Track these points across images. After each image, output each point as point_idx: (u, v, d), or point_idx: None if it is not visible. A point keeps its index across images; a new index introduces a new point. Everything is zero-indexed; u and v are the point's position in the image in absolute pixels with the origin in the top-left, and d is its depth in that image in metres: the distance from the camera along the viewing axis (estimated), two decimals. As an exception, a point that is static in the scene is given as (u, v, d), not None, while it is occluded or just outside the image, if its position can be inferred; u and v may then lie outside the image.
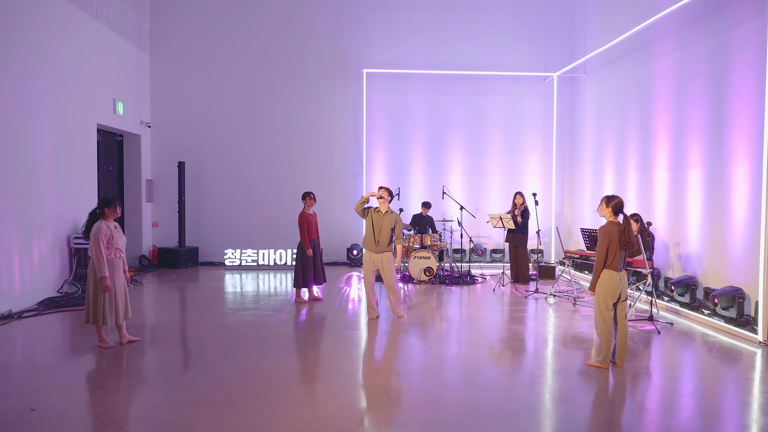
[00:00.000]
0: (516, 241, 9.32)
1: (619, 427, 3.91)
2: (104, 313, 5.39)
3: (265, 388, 4.52)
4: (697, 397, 4.53)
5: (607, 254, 4.99)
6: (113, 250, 5.44)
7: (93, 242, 5.31)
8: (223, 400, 4.24)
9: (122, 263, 5.58)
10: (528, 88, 11.94)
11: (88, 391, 4.45)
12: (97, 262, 5.31)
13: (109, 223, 5.46)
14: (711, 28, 7.44)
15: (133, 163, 11.08)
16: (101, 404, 4.14)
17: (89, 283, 5.43)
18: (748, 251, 6.75)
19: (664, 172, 8.51)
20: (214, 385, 4.54)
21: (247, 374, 4.83)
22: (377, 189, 6.97)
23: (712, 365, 5.38)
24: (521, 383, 4.76)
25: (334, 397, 4.34)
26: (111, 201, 5.47)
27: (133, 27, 10.66)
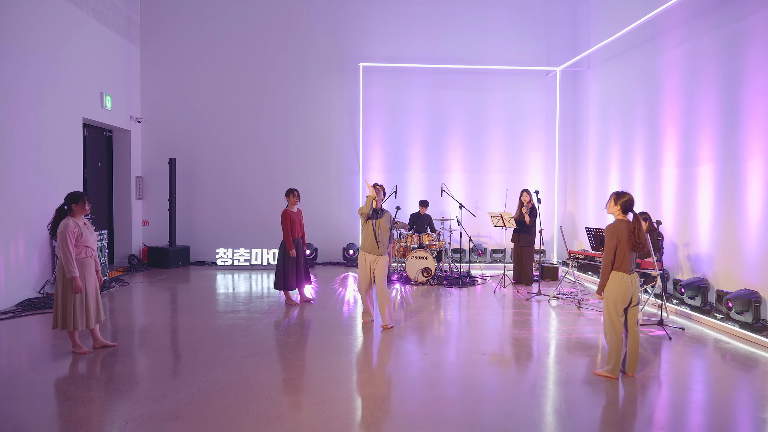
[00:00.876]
0: (523, 240, 8.95)
1: (632, 445, 3.56)
2: (74, 316, 5.04)
3: (245, 399, 4.16)
4: (712, 412, 4.17)
5: (615, 255, 4.63)
6: (83, 248, 5.09)
7: (60, 241, 4.96)
8: (198, 413, 3.89)
9: (94, 263, 5.23)
10: (530, 83, 11.57)
11: (54, 402, 4.10)
12: (65, 262, 4.96)
13: (77, 220, 5.11)
14: (722, 18, 7.08)
15: (123, 160, 10.73)
16: (64, 418, 3.79)
17: (57, 285, 5.07)
18: (765, 252, 6.39)
19: (673, 169, 8.14)
20: (189, 397, 4.18)
21: (227, 384, 4.48)
22: (373, 186, 6.56)
23: (727, 375, 5.02)
24: (524, 395, 4.40)
25: (320, 411, 3.99)
26: (79, 197, 5.11)
27: (122, 19, 10.31)
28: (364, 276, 6.43)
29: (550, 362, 5.22)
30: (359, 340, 5.89)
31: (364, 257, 6.42)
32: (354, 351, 5.51)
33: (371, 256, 6.36)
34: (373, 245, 6.33)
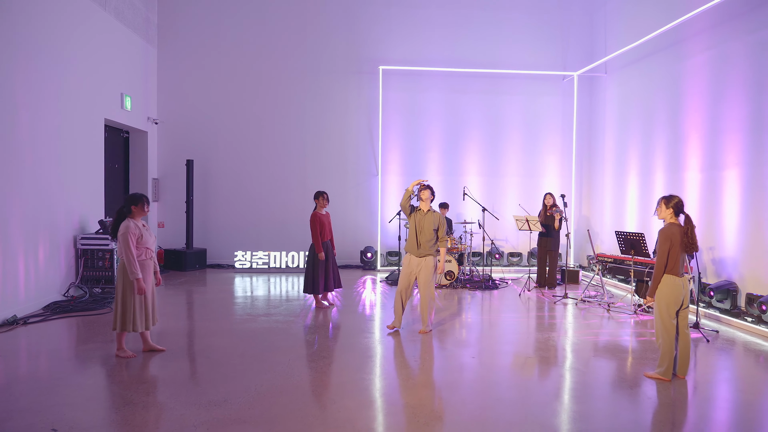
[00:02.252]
0: (550, 244, 8.97)
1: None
2: (134, 318, 5.00)
3: (308, 403, 4.13)
4: (762, 409, 4.21)
5: (668, 258, 4.66)
6: (143, 250, 5.05)
7: (122, 243, 4.92)
8: (264, 417, 3.86)
9: (153, 264, 5.20)
10: (547, 88, 11.64)
11: (113, 407, 4.04)
12: (128, 264, 4.92)
13: (137, 221, 5.07)
14: (752, 24, 7.16)
15: (140, 161, 10.64)
16: (130, 423, 3.74)
17: (118, 287, 5.03)
18: (796, 256, 6.46)
19: (696, 174, 8.21)
20: (251, 400, 4.14)
21: (284, 388, 4.44)
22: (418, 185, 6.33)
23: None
24: (582, 396, 4.41)
25: (389, 414, 3.96)
26: (139, 198, 5.09)
27: (141, 19, 10.24)
28: (405, 278, 6.26)
29: (597, 365, 5.24)
30: (403, 343, 5.86)
31: (408, 259, 6.26)
32: (401, 354, 5.49)
33: (414, 258, 6.21)
34: (413, 245, 6.20)
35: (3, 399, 4.12)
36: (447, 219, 10.07)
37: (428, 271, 6.19)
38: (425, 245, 6.18)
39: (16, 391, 4.28)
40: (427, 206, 6.29)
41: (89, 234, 8.09)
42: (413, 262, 6.22)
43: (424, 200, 6.28)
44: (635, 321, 7.02)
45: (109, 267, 8.00)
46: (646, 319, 7.08)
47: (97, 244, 7.99)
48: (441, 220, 6.24)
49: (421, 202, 6.30)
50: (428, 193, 6.30)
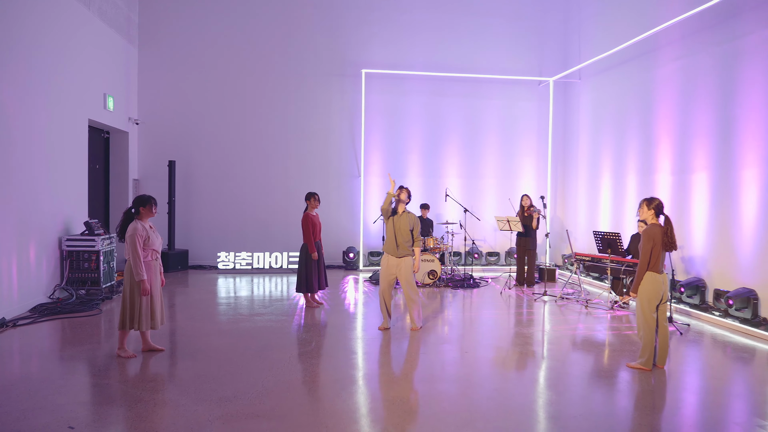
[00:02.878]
0: (528, 244, 9.31)
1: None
2: (140, 317, 5.07)
3: (318, 397, 4.30)
4: (732, 393, 4.58)
5: (650, 256, 5.00)
6: (150, 251, 5.13)
7: (129, 244, 4.99)
8: (277, 411, 4.00)
9: (159, 265, 5.26)
10: (523, 92, 12.03)
11: (125, 405, 4.11)
12: (134, 265, 4.99)
13: (144, 223, 5.14)
14: (720, 37, 7.63)
15: (120, 162, 10.54)
16: (146, 419, 3.83)
17: (125, 287, 5.10)
18: (759, 254, 6.94)
19: (667, 177, 8.68)
20: (260, 395, 4.28)
21: (291, 383, 4.60)
22: (396, 187, 6.61)
23: (735, 363, 5.46)
24: (573, 386, 4.70)
25: (400, 405, 4.16)
26: (147, 200, 5.17)
27: (123, 18, 10.16)
28: (385, 279, 6.43)
29: (580, 356, 5.55)
30: (395, 341, 6.06)
31: (386, 259, 6.43)
32: (397, 350, 5.69)
33: (392, 258, 6.38)
34: (393, 246, 6.37)
35: (12, 398, 4.14)
36: (428, 220, 10.33)
37: (408, 271, 6.36)
38: (403, 246, 6.35)
39: (23, 391, 4.30)
40: (402, 208, 6.45)
41: (74, 235, 8.02)
42: (392, 263, 6.39)
43: (401, 201, 6.44)
44: (612, 316, 7.40)
45: (95, 268, 7.94)
46: (621, 315, 7.47)
47: (82, 245, 7.92)
48: (415, 220, 6.43)
49: (398, 203, 6.43)
50: (404, 194, 6.49)
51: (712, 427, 3.99)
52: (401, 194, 6.51)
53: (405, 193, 6.54)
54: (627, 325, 6.93)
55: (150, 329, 5.24)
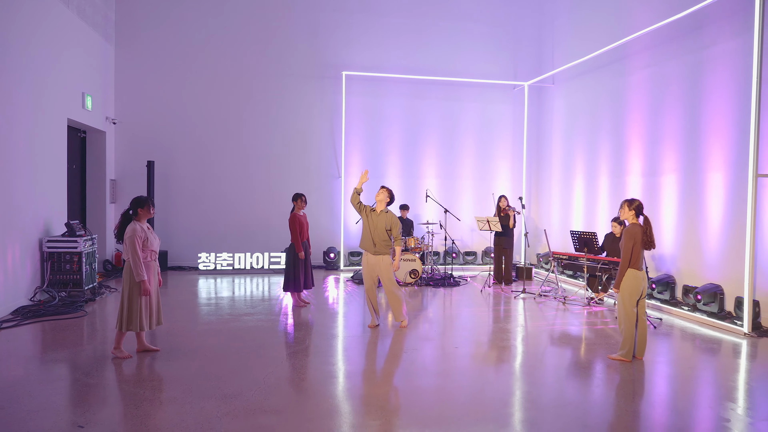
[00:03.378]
0: (505, 243, 9.60)
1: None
2: (140, 318, 5.09)
3: (321, 392, 4.42)
4: (704, 380, 4.92)
5: (631, 254, 5.30)
6: (148, 252, 5.14)
7: (129, 245, 5.00)
8: (282, 406, 4.12)
9: (156, 265, 5.28)
10: (499, 96, 12.36)
11: (131, 404, 4.15)
12: (134, 266, 5.00)
13: (142, 224, 5.15)
14: (688, 47, 8.07)
15: (97, 162, 10.38)
16: (154, 417, 3.89)
17: (124, 288, 5.11)
18: (725, 252, 7.38)
19: (638, 179, 9.11)
20: (264, 392, 4.38)
21: (291, 379, 4.72)
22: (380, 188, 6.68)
23: (705, 353, 5.84)
24: (560, 377, 4.96)
25: (410, 397, 4.32)
26: (144, 201, 5.18)
27: (100, 17, 10.01)
28: (368, 278, 6.55)
29: (563, 349, 5.83)
30: (386, 337, 6.22)
31: (366, 258, 6.54)
32: (393, 345, 5.85)
33: (371, 256, 6.49)
34: (369, 244, 6.47)
35: (15, 399, 4.13)
36: (408, 220, 10.54)
37: (388, 269, 6.49)
38: (380, 244, 6.45)
39: (25, 392, 4.28)
40: (382, 206, 6.54)
41: (56, 236, 7.90)
42: (371, 261, 6.51)
43: (379, 200, 6.54)
44: (588, 312, 7.74)
45: (77, 270, 7.84)
46: (597, 310, 7.82)
47: (64, 246, 7.81)
48: (394, 220, 6.50)
49: (377, 202, 6.55)
50: (385, 194, 6.57)
51: (688, 411, 4.30)
52: (378, 194, 6.59)
53: (384, 193, 6.59)
54: (603, 320, 7.27)
55: (149, 329, 5.25)
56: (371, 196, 11.41)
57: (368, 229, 6.49)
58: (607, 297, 8.45)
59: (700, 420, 4.16)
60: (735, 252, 7.17)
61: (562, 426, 3.87)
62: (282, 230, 11.33)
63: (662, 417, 4.16)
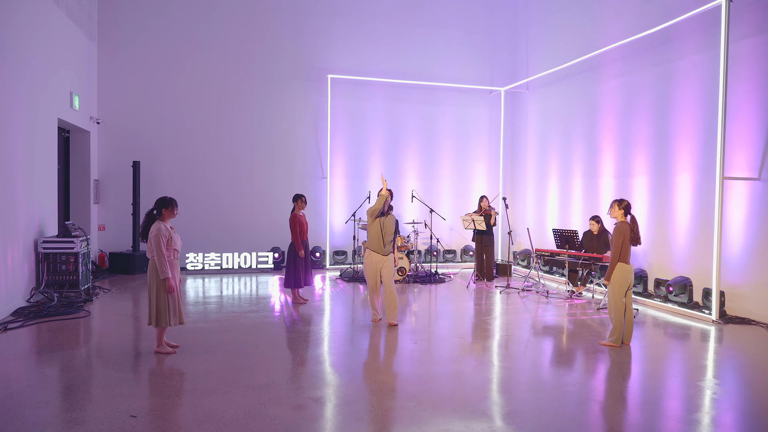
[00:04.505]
0: (486, 241, 10.10)
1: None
2: (169, 313, 5.25)
3: (352, 379, 4.73)
4: (680, 361, 5.51)
5: (621, 249, 5.84)
6: (171, 251, 5.30)
7: (154, 244, 5.16)
8: (319, 394, 4.40)
9: (177, 264, 5.44)
10: (476, 100, 12.89)
11: (173, 394, 4.34)
12: (159, 264, 5.16)
13: (166, 224, 5.31)
14: (657, 59, 8.77)
15: (81, 162, 10.27)
16: (201, 405, 4.10)
17: (151, 285, 5.26)
18: (692, 247, 8.10)
19: (611, 180, 9.78)
20: (297, 381, 4.65)
21: (314, 372, 4.99)
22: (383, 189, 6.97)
23: (678, 338, 6.46)
24: (565, 359, 5.44)
25: (424, 383, 4.68)
26: (169, 202, 5.35)
27: (85, 15, 9.93)
28: (372, 276, 6.80)
29: (562, 337, 6.33)
30: (398, 330, 6.56)
31: (371, 257, 6.78)
32: (407, 339, 6.20)
33: (377, 255, 6.76)
34: (380, 244, 6.75)
35: (59, 393, 4.25)
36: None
37: (390, 268, 6.77)
38: (389, 245, 6.77)
39: (66, 386, 4.40)
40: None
41: (51, 237, 7.86)
42: (377, 260, 6.74)
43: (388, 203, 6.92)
44: (570, 304, 8.31)
45: (73, 271, 7.83)
46: (578, 303, 8.40)
47: (60, 247, 7.78)
48: (395, 220, 6.93)
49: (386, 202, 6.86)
50: (389, 193, 7.00)
51: (671, 387, 4.84)
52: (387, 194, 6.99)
53: (389, 194, 7.00)
54: (586, 311, 7.84)
55: (177, 324, 5.41)
56: (346, 197, 11.77)
57: (380, 232, 6.74)
58: (586, 291, 9.06)
59: (683, 389, 4.69)
60: (701, 247, 7.88)
61: (571, 399, 4.33)
62: (268, 230, 11.55)
63: (649, 391, 4.68)
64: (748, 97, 7.34)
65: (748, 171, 7.31)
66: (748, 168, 7.33)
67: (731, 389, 4.80)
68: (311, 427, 3.79)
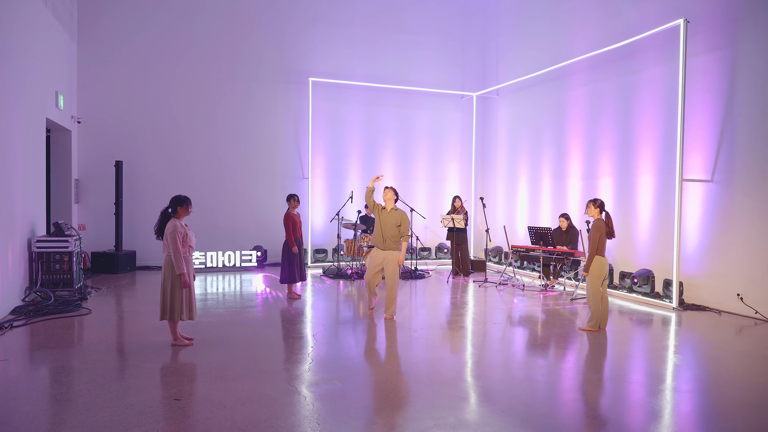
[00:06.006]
0: (459, 239, 10.70)
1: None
2: (181, 308, 5.49)
3: (369, 365, 5.15)
4: (645, 342, 6.23)
5: (598, 244, 6.50)
6: (186, 247, 5.55)
7: (170, 241, 5.40)
8: (344, 376, 4.81)
9: (192, 260, 5.69)
10: (448, 104, 13.49)
11: (207, 380, 4.62)
12: (175, 260, 5.40)
13: (181, 221, 5.56)
14: (620, 70, 9.58)
15: (62, 161, 10.21)
16: (237, 389, 4.42)
17: (166, 281, 5.48)
18: (653, 242, 8.92)
19: (578, 181, 10.56)
20: (318, 366, 5.03)
21: (333, 357, 5.38)
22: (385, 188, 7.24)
23: (642, 324, 7.21)
24: (551, 344, 6.04)
25: (431, 366, 5.16)
26: (183, 200, 5.60)
27: (67, 14, 9.89)
28: (371, 268, 7.11)
29: (543, 324, 6.95)
30: (397, 321, 7.01)
31: (375, 253, 7.09)
32: (401, 326, 6.66)
33: (379, 251, 7.03)
34: (380, 239, 7.03)
35: (99, 380, 4.48)
36: (371, 218, 11.35)
37: (394, 264, 7.06)
38: (389, 240, 7.05)
39: (101, 378, 4.62)
40: (391, 205, 7.16)
41: (45, 236, 7.89)
42: (379, 255, 7.09)
43: (386, 200, 7.21)
44: (544, 296, 8.98)
45: (67, 270, 7.88)
46: (552, 294, 9.09)
47: (54, 246, 7.82)
48: (403, 217, 7.11)
49: (386, 201, 7.20)
50: (391, 193, 7.20)
51: (643, 361, 5.52)
52: (386, 193, 7.19)
53: (390, 193, 7.18)
54: (561, 301, 8.52)
55: (189, 319, 5.67)
56: (324, 198, 12.13)
57: (379, 226, 7.04)
58: (557, 284, 9.77)
59: (653, 363, 5.36)
60: (661, 242, 8.72)
61: (567, 372, 4.92)
62: (250, 229, 11.78)
63: (624, 365, 5.34)
64: (701, 108, 8.19)
65: (702, 173, 8.17)
66: (702, 171, 8.18)
67: (691, 361, 5.52)
68: (345, 402, 4.19)
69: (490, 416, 4.01)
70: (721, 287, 7.83)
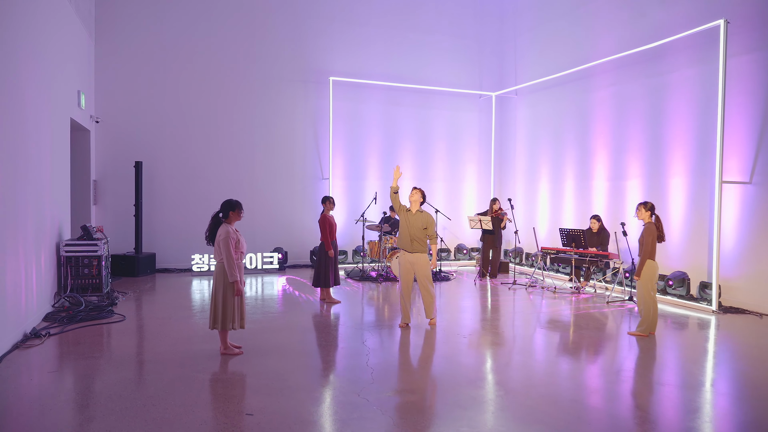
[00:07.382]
0: (493, 241, 10.59)
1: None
2: (233, 316, 5.31)
3: (427, 373, 5.01)
4: (692, 345, 6.15)
5: (651, 247, 6.41)
6: (238, 254, 5.38)
7: (223, 247, 5.22)
8: (409, 386, 4.66)
9: (243, 267, 5.52)
10: (466, 104, 13.37)
11: (272, 393, 4.45)
12: (228, 267, 5.23)
13: (232, 226, 5.38)
14: (649, 71, 9.50)
15: (81, 162, 9.95)
16: (308, 402, 4.27)
17: (217, 288, 5.30)
18: (687, 245, 8.86)
19: (604, 183, 10.48)
20: (380, 375, 4.88)
21: (390, 364, 5.24)
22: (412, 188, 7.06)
23: (683, 326, 7.14)
24: (599, 346, 5.94)
25: (464, 367, 5.03)
26: (235, 204, 5.43)
27: (86, 12, 9.64)
28: (404, 278, 6.83)
29: (586, 328, 6.85)
30: (439, 327, 6.87)
31: (403, 256, 6.87)
32: (448, 331, 6.52)
33: (407, 254, 6.84)
34: (407, 242, 6.82)
35: (160, 395, 4.30)
36: (396, 220, 11.20)
37: (425, 266, 6.84)
38: (417, 242, 6.82)
39: (163, 389, 4.44)
40: (416, 207, 6.92)
41: (73, 240, 7.67)
42: (409, 259, 6.83)
43: (413, 201, 6.97)
44: (577, 299, 8.89)
45: (96, 274, 7.66)
46: (584, 297, 9.00)
47: (83, 250, 7.60)
48: (429, 219, 6.78)
49: (411, 203, 6.98)
50: (418, 194, 6.97)
51: (685, 362, 5.44)
52: (412, 195, 7.04)
53: (417, 194, 6.99)
54: (596, 305, 8.43)
55: (240, 328, 5.49)
56: (345, 198, 11.96)
57: (406, 228, 6.85)
58: (588, 287, 9.68)
59: (705, 366, 5.29)
60: (695, 244, 8.65)
61: (626, 374, 4.82)
62: (269, 230, 11.59)
63: (677, 366, 5.25)
64: (738, 109, 8.13)
65: (740, 176, 8.10)
66: (739, 172, 8.12)
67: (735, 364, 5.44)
68: (417, 409, 4.05)
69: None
70: (761, 289, 7.78)
